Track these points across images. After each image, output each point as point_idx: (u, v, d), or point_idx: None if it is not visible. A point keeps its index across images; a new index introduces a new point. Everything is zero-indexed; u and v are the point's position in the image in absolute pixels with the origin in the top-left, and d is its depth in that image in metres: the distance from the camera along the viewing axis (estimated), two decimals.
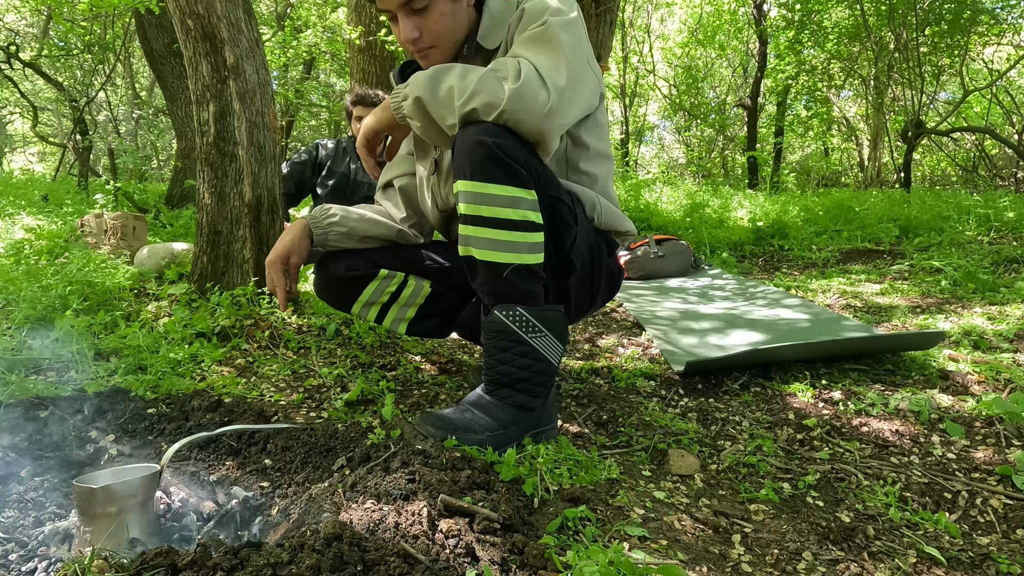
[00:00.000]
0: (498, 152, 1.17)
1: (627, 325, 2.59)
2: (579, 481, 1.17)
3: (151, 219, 3.99)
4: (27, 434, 1.25)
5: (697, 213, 5.59)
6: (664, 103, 14.59)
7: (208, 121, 2.16)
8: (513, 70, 1.19)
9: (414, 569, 0.80)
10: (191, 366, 1.76)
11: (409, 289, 1.61)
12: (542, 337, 1.30)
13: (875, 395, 1.64)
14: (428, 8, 1.31)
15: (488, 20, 1.36)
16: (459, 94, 1.20)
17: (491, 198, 1.19)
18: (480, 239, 1.22)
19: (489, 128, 1.19)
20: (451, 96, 1.21)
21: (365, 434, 1.29)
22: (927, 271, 3.43)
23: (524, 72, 1.18)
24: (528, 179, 1.22)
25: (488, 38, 1.36)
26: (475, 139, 1.18)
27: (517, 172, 1.20)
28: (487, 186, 1.19)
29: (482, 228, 1.21)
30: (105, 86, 7.96)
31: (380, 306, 1.61)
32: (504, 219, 1.20)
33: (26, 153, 14.52)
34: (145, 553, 0.79)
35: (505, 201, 1.19)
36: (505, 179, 1.19)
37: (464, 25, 1.37)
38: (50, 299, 1.98)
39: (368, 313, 1.61)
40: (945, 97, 10.63)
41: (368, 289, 1.58)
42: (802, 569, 0.98)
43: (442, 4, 1.33)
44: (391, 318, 1.63)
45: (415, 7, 1.31)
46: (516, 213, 1.20)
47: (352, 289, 1.58)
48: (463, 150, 1.20)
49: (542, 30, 1.26)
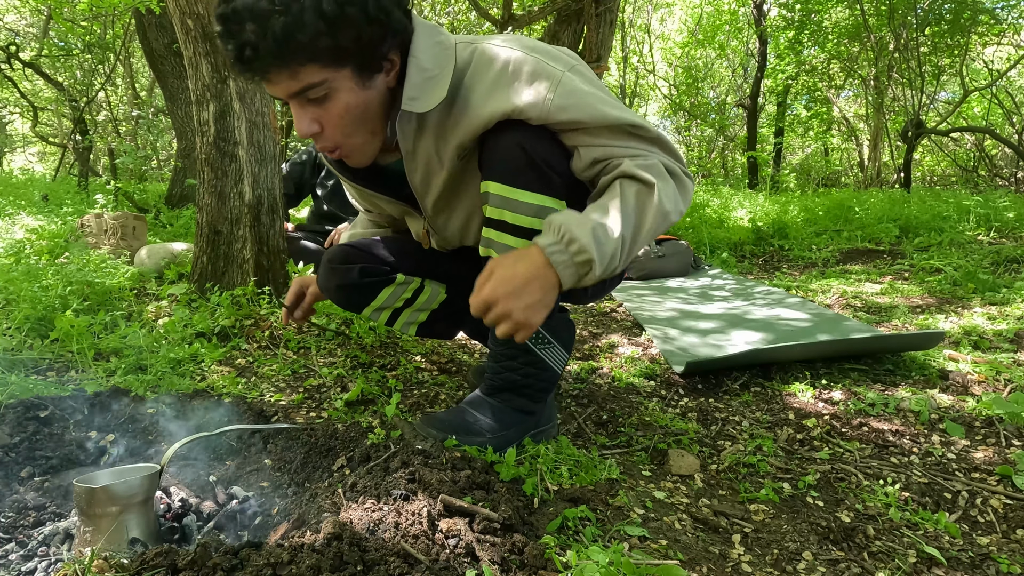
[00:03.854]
0: (536, 158, 1.10)
1: (627, 325, 2.59)
2: (579, 481, 1.17)
3: (151, 219, 3.99)
4: (27, 434, 1.25)
5: (697, 213, 5.59)
6: (664, 103, 14.59)
7: (208, 121, 2.16)
8: (659, 181, 1.07)
9: (414, 569, 0.80)
10: (191, 366, 1.76)
11: (425, 295, 1.53)
12: (550, 348, 1.30)
13: (875, 395, 1.64)
14: (328, 98, 1.07)
15: (417, 76, 1.10)
16: (649, 238, 1.09)
17: (518, 205, 1.12)
18: (501, 245, 1.16)
19: (529, 130, 1.10)
20: (635, 247, 1.09)
21: (365, 434, 1.29)
22: (927, 271, 3.42)
23: (660, 173, 1.08)
24: (561, 188, 1.14)
25: (419, 100, 1.10)
26: (513, 141, 1.10)
27: (551, 180, 1.12)
28: (517, 192, 1.12)
29: (504, 234, 1.15)
30: (105, 86, 7.96)
31: (392, 310, 1.53)
32: (527, 228, 1.13)
33: (26, 153, 14.52)
34: (145, 553, 0.79)
35: (532, 210, 1.12)
36: (538, 186, 1.12)
37: (380, 106, 1.14)
38: (50, 299, 1.98)
39: (380, 317, 1.53)
40: (945, 97, 10.63)
41: (383, 295, 1.48)
42: (802, 569, 0.98)
43: (346, 95, 1.07)
44: (402, 322, 1.56)
45: (311, 97, 1.06)
46: (541, 224, 1.11)
47: (366, 294, 1.48)
48: (499, 152, 1.12)
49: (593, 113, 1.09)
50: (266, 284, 2.20)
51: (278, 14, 0.96)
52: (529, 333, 1.07)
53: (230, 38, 0.99)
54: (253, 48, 0.98)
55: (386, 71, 1.11)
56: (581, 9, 5.09)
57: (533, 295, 1.03)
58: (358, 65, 1.06)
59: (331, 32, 1.00)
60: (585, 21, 5.07)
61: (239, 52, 0.99)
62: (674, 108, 13.75)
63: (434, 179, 1.25)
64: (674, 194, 1.09)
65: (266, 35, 0.97)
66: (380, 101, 1.13)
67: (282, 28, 0.97)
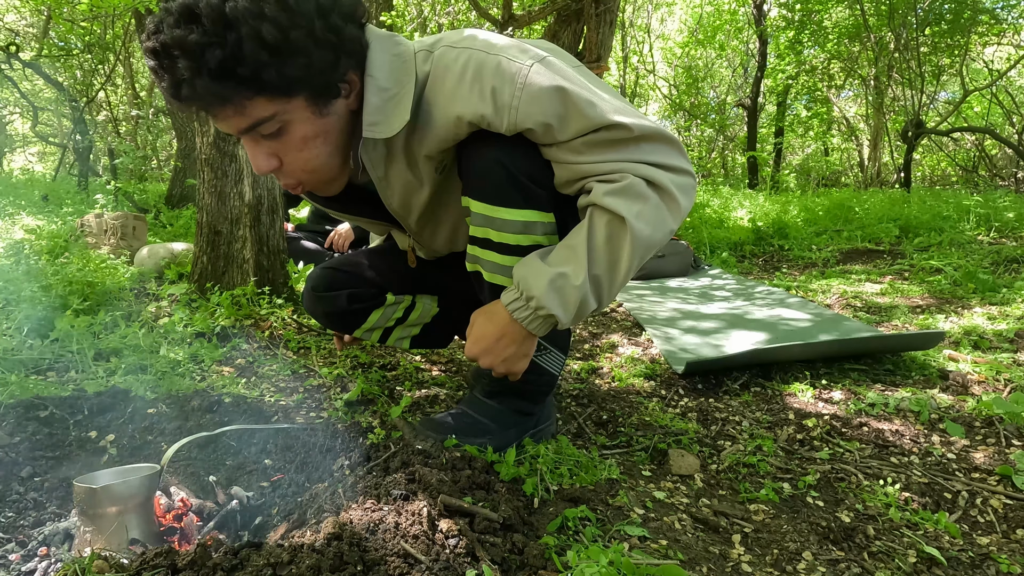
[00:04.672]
0: (517, 174, 1.03)
1: (627, 325, 2.59)
2: (579, 481, 1.17)
3: (151, 219, 3.99)
4: (27, 434, 1.25)
5: (697, 213, 5.59)
6: (664, 103, 14.59)
7: (208, 121, 2.16)
8: (651, 194, 0.98)
9: (414, 569, 0.80)
10: (191, 366, 1.76)
11: (417, 312, 1.49)
12: (547, 353, 1.30)
13: (875, 395, 1.64)
14: (283, 131, 0.97)
15: (376, 97, 0.99)
16: (635, 267, 1.02)
17: (502, 223, 1.05)
18: (488, 262, 1.11)
19: (508, 144, 1.02)
20: (616, 279, 1.02)
21: (365, 434, 1.29)
22: (927, 271, 3.42)
23: (636, 195, 0.97)
24: (547, 201, 1.07)
25: (380, 124, 1.00)
26: (492, 157, 1.03)
27: (536, 194, 1.05)
28: (499, 210, 1.05)
29: (490, 252, 1.09)
30: (105, 86, 7.96)
31: (384, 330, 1.48)
32: (513, 245, 1.07)
33: (26, 153, 14.51)
34: (145, 553, 0.79)
35: (517, 227, 1.06)
36: (522, 202, 1.05)
37: (343, 132, 1.04)
38: (50, 299, 1.98)
39: (371, 336, 1.48)
40: (945, 97, 10.63)
41: (373, 317, 1.43)
42: (802, 569, 0.98)
43: (301, 126, 0.97)
44: (395, 338, 1.52)
45: (264, 133, 0.96)
46: (527, 239, 1.07)
47: (355, 320, 1.43)
48: (478, 169, 1.05)
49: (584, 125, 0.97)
50: (266, 284, 2.20)
51: (213, 46, 0.85)
52: (517, 376, 1.14)
53: (164, 73, 0.88)
54: (190, 85, 0.87)
55: (344, 94, 1.01)
56: (581, 9, 5.10)
57: (507, 350, 1.09)
58: (311, 93, 0.96)
59: (276, 62, 0.88)
60: (585, 21, 5.07)
61: (175, 90, 0.89)
62: (674, 108, 13.74)
63: (414, 199, 1.17)
64: (655, 214, 0.98)
65: (201, 71, 0.86)
66: (342, 127, 1.03)
67: (218, 63, 0.85)
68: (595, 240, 0.99)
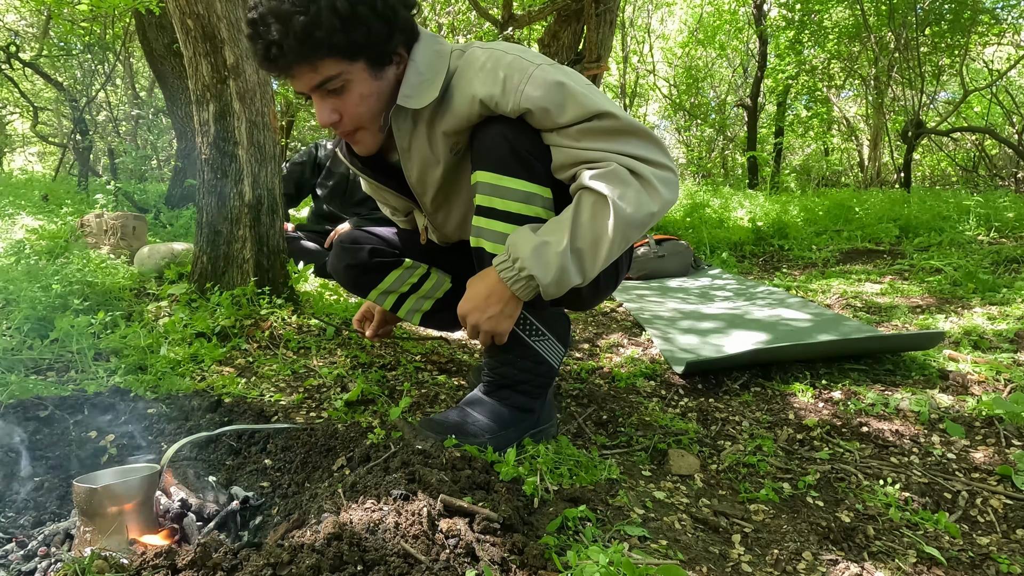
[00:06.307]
0: (520, 149, 1.17)
1: (627, 325, 2.59)
2: (579, 481, 1.17)
3: (151, 219, 3.99)
4: (27, 434, 1.25)
5: (697, 213, 5.59)
6: (664, 103, 14.59)
7: (208, 121, 2.16)
8: (632, 180, 1.12)
9: (414, 569, 0.80)
10: (191, 366, 1.76)
11: (431, 282, 1.58)
12: (544, 340, 1.31)
13: (875, 395, 1.64)
14: (345, 89, 1.19)
15: (414, 77, 1.22)
16: (620, 245, 1.15)
17: (507, 191, 1.18)
18: (491, 232, 1.21)
19: (513, 124, 1.18)
20: (600, 254, 1.15)
21: (365, 434, 1.29)
22: (927, 271, 3.42)
23: (619, 181, 1.12)
24: (545, 176, 1.20)
25: (413, 98, 1.21)
26: (499, 133, 1.18)
27: (534, 168, 1.19)
28: (504, 179, 1.18)
29: (494, 221, 1.20)
30: (105, 86, 7.96)
31: (398, 295, 1.57)
32: (516, 214, 1.19)
33: (26, 153, 14.51)
34: (145, 553, 0.79)
35: (520, 196, 1.18)
36: (524, 174, 1.18)
37: (390, 96, 1.25)
38: (50, 299, 1.98)
39: (385, 301, 1.58)
40: (945, 97, 10.63)
41: (390, 277, 1.55)
42: (802, 569, 0.98)
43: (360, 85, 1.19)
44: (407, 308, 1.60)
45: (330, 88, 1.18)
46: (529, 209, 1.19)
47: (373, 275, 1.54)
48: (486, 143, 1.20)
49: (590, 118, 1.14)
50: (266, 284, 2.20)
51: (298, 14, 1.07)
52: (503, 339, 1.25)
53: (258, 39, 1.11)
54: (278, 46, 1.10)
55: (396, 63, 1.22)
56: (581, 9, 5.10)
57: (493, 307, 1.21)
58: (370, 58, 1.17)
59: (345, 28, 1.11)
60: (585, 21, 5.07)
61: (267, 51, 1.11)
62: (674, 108, 13.74)
63: (430, 175, 1.32)
64: (636, 197, 1.13)
65: (289, 34, 1.08)
66: (390, 91, 1.23)
67: (302, 26, 1.08)
68: (580, 217, 1.14)
